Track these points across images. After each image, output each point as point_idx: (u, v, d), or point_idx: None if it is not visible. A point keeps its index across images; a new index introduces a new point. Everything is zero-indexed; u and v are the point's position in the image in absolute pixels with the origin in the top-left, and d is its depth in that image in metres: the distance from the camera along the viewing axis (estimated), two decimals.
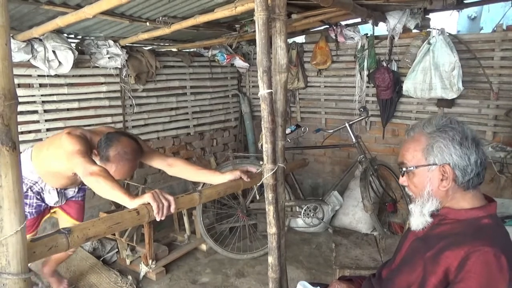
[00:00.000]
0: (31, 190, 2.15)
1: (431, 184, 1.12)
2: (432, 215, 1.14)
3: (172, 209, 1.43)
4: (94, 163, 1.66)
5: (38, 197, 2.19)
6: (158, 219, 1.40)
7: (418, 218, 1.15)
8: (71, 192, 2.33)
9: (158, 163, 2.04)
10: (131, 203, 1.41)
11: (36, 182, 2.14)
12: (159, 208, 1.39)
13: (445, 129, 1.10)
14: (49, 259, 2.54)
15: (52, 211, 2.37)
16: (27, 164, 2.09)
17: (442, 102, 3.37)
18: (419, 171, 1.14)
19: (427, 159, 1.12)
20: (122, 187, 1.51)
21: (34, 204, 2.19)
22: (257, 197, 3.39)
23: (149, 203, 1.39)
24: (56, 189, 2.21)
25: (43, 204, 2.23)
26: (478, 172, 1.09)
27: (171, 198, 1.44)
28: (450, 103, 3.34)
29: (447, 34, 3.14)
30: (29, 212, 2.18)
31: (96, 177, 1.52)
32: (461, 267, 1.00)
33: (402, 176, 1.20)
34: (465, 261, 0.99)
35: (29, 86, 2.93)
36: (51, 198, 2.22)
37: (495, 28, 3.18)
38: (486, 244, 1.00)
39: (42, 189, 2.18)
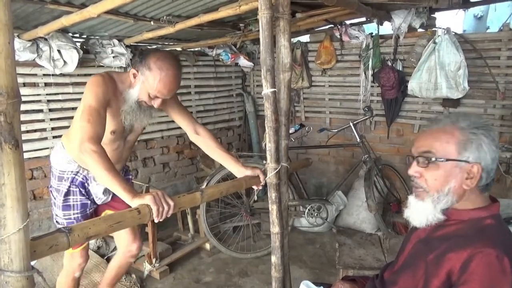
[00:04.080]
0: (74, 184, 1.91)
1: (455, 181, 1.07)
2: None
3: (170, 214, 1.42)
4: (100, 133, 1.56)
5: (83, 190, 1.94)
6: (156, 221, 1.39)
7: (430, 214, 1.10)
8: None
9: (185, 123, 2.00)
10: (131, 202, 1.38)
11: (78, 172, 1.92)
12: (159, 212, 1.36)
13: (487, 129, 1.07)
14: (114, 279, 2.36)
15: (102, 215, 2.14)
16: (62, 155, 1.91)
17: (447, 102, 3.35)
18: (446, 164, 1.07)
19: (461, 154, 1.06)
20: (123, 179, 1.45)
21: (79, 203, 1.94)
22: (255, 197, 3.40)
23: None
24: None
25: (89, 202, 1.97)
26: (493, 177, 1.09)
27: (171, 203, 1.41)
28: (456, 103, 3.31)
29: (453, 33, 3.12)
30: (74, 218, 1.94)
31: (92, 154, 1.44)
32: (464, 269, 0.99)
33: (417, 165, 1.11)
34: (468, 263, 0.98)
35: (34, 85, 2.94)
36: (97, 188, 1.96)
37: (501, 27, 3.15)
38: (489, 245, 0.98)
39: (86, 178, 1.94)
